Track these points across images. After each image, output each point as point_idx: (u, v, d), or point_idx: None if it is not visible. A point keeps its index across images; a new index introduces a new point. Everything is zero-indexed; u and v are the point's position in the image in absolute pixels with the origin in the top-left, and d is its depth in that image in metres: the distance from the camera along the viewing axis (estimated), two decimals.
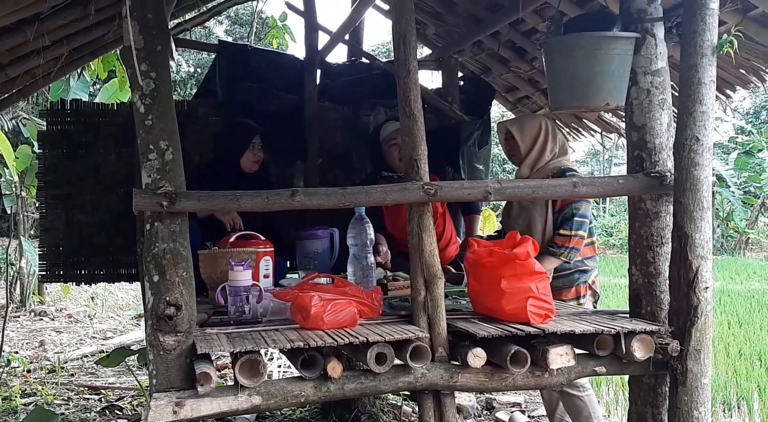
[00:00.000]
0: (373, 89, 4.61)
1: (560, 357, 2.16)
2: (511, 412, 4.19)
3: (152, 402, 1.89)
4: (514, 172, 3.36)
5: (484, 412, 4.31)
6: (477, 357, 2.14)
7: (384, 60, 4.96)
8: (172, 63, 2.85)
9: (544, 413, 4.28)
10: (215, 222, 3.25)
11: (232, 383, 1.96)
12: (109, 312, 8.65)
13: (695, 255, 2.23)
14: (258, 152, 3.51)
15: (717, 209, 16.45)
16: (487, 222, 5.40)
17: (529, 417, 4.22)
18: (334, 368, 2.02)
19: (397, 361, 2.15)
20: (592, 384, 4.94)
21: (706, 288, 2.23)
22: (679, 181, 2.26)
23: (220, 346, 1.96)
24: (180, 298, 2.04)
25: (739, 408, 4.54)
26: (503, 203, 3.90)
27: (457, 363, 2.21)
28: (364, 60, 4.84)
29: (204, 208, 2.30)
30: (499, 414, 4.22)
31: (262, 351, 2.01)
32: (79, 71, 5.43)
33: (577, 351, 2.26)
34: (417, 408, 2.39)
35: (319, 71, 4.56)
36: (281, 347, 1.98)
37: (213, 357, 2.96)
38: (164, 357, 2.02)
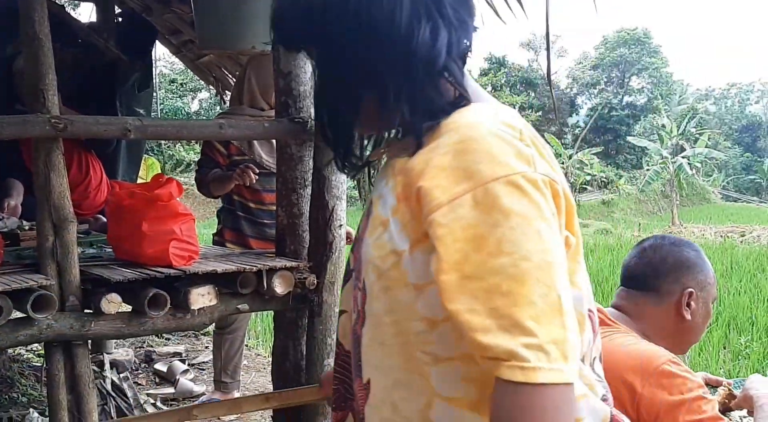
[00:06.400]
0: None
1: (202, 298, 2.16)
2: (171, 362, 4.13)
3: None
4: None
5: (143, 365, 4.18)
6: (111, 302, 2.03)
7: None
8: None
9: (205, 360, 4.32)
10: None
11: None
12: None
13: (331, 196, 2.40)
14: None
15: None
16: (150, 171, 5.17)
17: (189, 365, 4.21)
18: None
19: (18, 314, 1.94)
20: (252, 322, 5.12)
21: (341, 225, 2.43)
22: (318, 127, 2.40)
23: None
24: None
25: None
26: None
27: (90, 311, 2.08)
28: None
29: None
30: (158, 366, 4.13)
31: None
32: None
33: (224, 290, 2.29)
34: None
35: None
36: None
37: None
38: None
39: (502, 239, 0.83)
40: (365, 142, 1.09)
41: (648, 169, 31.82)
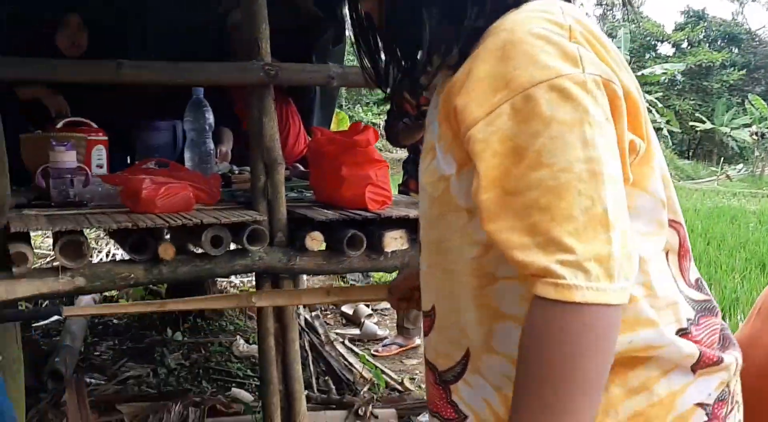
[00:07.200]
0: None
1: (395, 241, 2.23)
2: (356, 306, 4.36)
3: None
4: None
5: (331, 307, 4.45)
6: (315, 240, 2.16)
7: None
8: None
9: (387, 306, 4.49)
10: (42, 109, 2.98)
11: None
12: None
13: None
14: (76, 34, 3.15)
15: None
16: (341, 125, 5.39)
17: (372, 310, 4.41)
18: (167, 250, 1.96)
19: (235, 246, 2.13)
20: None
21: None
22: None
23: (37, 226, 1.83)
24: None
25: None
26: None
27: (295, 247, 2.23)
28: None
29: (10, 77, 2.08)
30: (345, 308, 4.37)
31: (87, 233, 1.90)
32: None
33: (414, 236, 2.35)
34: None
35: None
36: (107, 227, 1.89)
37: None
38: None
39: (541, 150, 0.75)
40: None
41: None
